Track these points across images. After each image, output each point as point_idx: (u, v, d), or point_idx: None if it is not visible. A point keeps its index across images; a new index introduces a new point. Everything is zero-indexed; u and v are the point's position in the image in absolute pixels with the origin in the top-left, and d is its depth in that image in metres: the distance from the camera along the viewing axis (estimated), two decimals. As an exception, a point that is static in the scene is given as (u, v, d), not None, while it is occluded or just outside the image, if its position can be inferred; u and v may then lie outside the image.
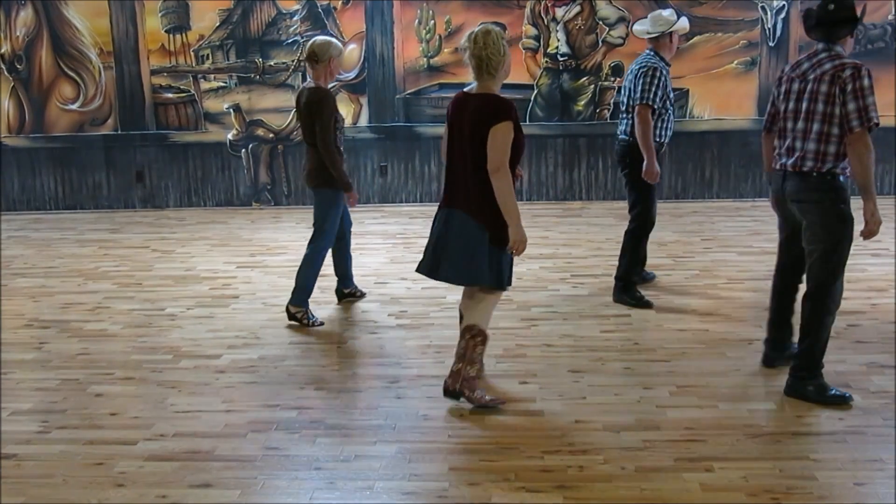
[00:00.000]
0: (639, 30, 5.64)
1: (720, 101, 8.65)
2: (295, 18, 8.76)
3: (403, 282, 6.27)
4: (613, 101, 8.66)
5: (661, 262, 6.51)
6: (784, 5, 8.42)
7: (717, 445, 3.70)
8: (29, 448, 3.84)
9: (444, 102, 4.38)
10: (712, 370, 4.53)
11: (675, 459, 3.59)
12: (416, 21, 8.68)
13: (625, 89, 5.63)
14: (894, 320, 5.19)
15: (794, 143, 4.09)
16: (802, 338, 4.15)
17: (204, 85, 8.95)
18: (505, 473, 3.51)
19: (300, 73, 8.82)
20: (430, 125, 8.65)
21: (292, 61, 8.82)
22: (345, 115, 6.83)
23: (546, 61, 8.71)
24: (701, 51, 8.57)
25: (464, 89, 4.18)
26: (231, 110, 8.96)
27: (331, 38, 5.45)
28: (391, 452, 3.71)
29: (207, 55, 8.88)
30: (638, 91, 5.39)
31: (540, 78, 8.74)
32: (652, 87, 5.36)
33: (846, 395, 4.11)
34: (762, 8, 8.48)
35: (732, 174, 8.77)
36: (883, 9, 8.43)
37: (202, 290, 6.24)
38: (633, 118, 5.47)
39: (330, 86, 5.45)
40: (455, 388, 4.11)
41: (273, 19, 8.78)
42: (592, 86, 8.72)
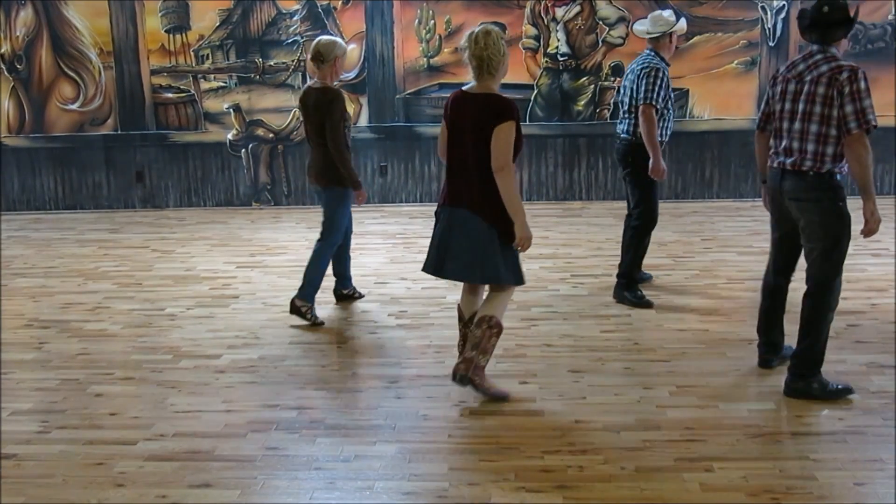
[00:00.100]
0: (639, 29, 5.68)
1: (720, 101, 8.64)
2: (295, 18, 8.76)
3: (403, 282, 6.27)
4: (613, 101, 8.66)
5: (661, 262, 6.51)
6: (784, 5, 8.42)
7: (717, 445, 3.71)
8: (29, 448, 3.84)
9: (443, 102, 4.37)
10: (712, 370, 4.54)
11: (675, 459, 3.59)
12: (416, 21, 8.68)
13: (625, 89, 5.64)
14: (894, 320, 5.20)
15: (791, 143, 4.10)
16: (804, 336, 4.16)
17: (204, 85, 8.95)
18: (505, 473, 3.51)
19: (300, 73, 8.82)
20: (430, 125, 8.65)
21: (292, 61, 8.82)
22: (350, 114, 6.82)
23: (546, 61, 8.71)
24: (701, 51, 8.57)
25: (462, 88, 4.20)
26: (231, 110, 8.96)
27: (335, 38, 5.46)
28: (391, 452, 3.71)
29: (207, 55, 8.88)
30: (642, 91, 5.43)
31: (540, 78, 8.74)
32: (655, 87, 5.40)
33: (848, 386, 4.17)
34: (762, 8, 8.48)
35: (732, 174, 8.77)
36: (883, 9, 8.43)
37: (202, 290, 6.24)
38: (635, 117, 5.51)
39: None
40: (466, 374, 4.14)
41: (273, 19, 8.78)
42: (592, 86, 8.72)
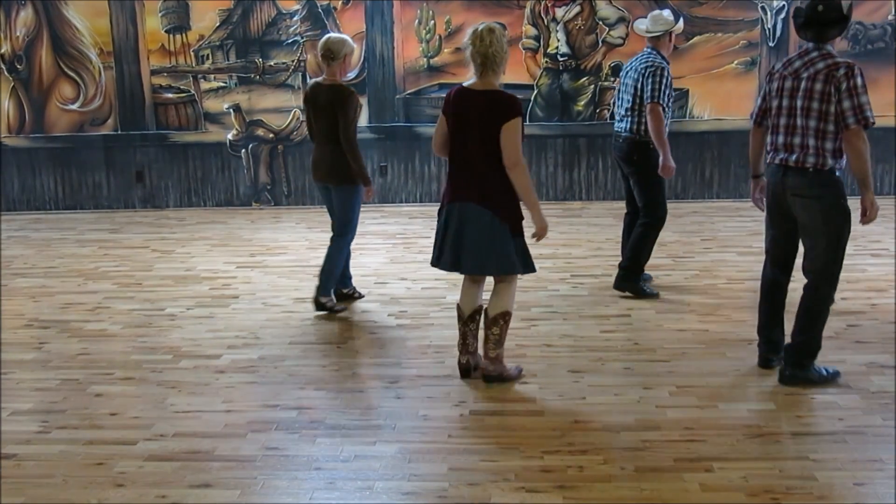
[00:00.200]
0: (640, 28, 5.72)
1: (720, 101, 8.64)
2: (295, 18, 8.76)
3: (403, 282, 6.27)
4: (613, 101, 8.65)
5: (661, 262, 6.51)
6: (784, 5, 8.42)
7: (716, 445, 3.71)
8: (29, 448, 3.84)
9: (443, 102, 4.39)
10: (712, 370, 4.54)
11: (675, 459, 3.59)
12: (416, 21, 8.68)
13: (626, 87, 5.67)
14: (894, 320, 5.20)
15: (791, 139, 4.17)
16: (803, 328, 4.26)
17: (204, 85, 8.95)
18: (505, 473, 3.51)
19: (300, 74, 8.82)
20: (430, 125, 8.64)
21: (292, 61, 8.82)
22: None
23: (546, 61, 8.71)
24: (701, 51, 8.57)
25: (462, 84, 4.23)
26: (231, 110, 8.96)
27: (344, 36, 5.47)
28: (391, 452, 3.71)
29: (207, 55, 8.88)
30: (648, 90, 5.49)
31: (540, 78, 8.74)
32: (661, 86, 5.48)
33: (837, 370, 4.37)
34: (762, 8, 8.48)
35: (732, 174, 8.77)
36: (883, 9, 8.43)
37: (202, 290, 6.24)
38: (638, 116, 5.57)
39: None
40: (494, 373, 4.37)
41: (273, 19, 8.78)
42: (592, 86, 8.72)
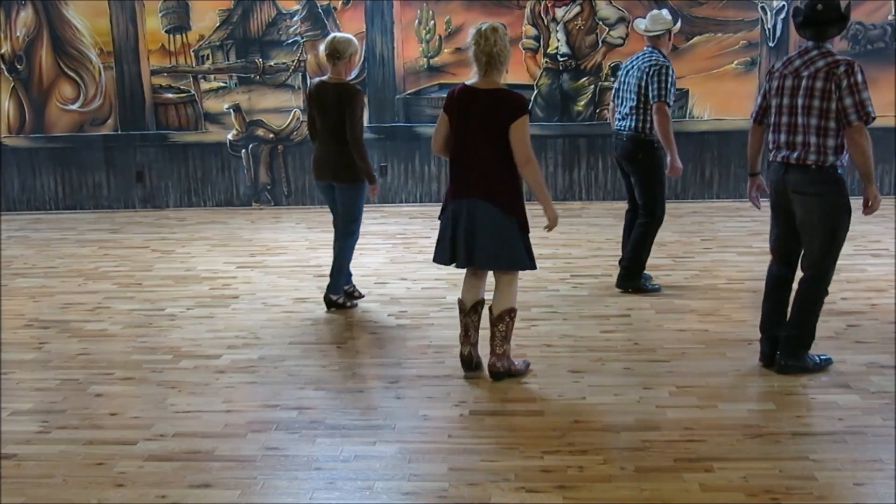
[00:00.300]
0: (640, 27, 5.77)
1: (720, 102, 8.64)
2: (295, 18, 8.75)
3: (403, 282, 6.27)
4: (613, 100, 8.64)
5: (661, 262, 6.51)
6: (784, 5, 8.42)
7: (716, 445, 3.71)
8: (29, 448, 3.84)
9: (443, 102, 4.41)
10: (712, 370, 4.54)
11: (675, 459, 3.59)
12: (416, 21, 8.68)
13: (629, 85, 5.69)
14: (894, 320, 5.20)
15: (793, 137, 4.23)
16: (801, 320, 4.35)
17: (204, 85, 8.94)
18: (505, 473, 3.51)
19: (300, 74, 8.82)
20: (430, 125, 8.63)
21: (292, 61, 8.82)
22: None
23: (546, 61, 8.70)
24: (701, 51, 8.57)
25: (465, 83, 4.25)
26: (231, 110, 8.95)
27: (349, 35, 5.48)
28: (391, 452, 3.71)
29: (207, 55, 8.88)
30: (654, 89, 5.53)
31: (540, 78, 8.73)
32: (667, 85, 5.54)
33: (829, 357, 4.52)
34: (762, 8, 8.48)
35: (732, 174, 8.77)
36: (883, 9, 8.43)
37: (202, 290, 6.24)
38: (643, 115, 5.61)
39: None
40: (501, 370, 4.40)
41: (273, 19, 8.78)
42: (592, 86, 8.72)
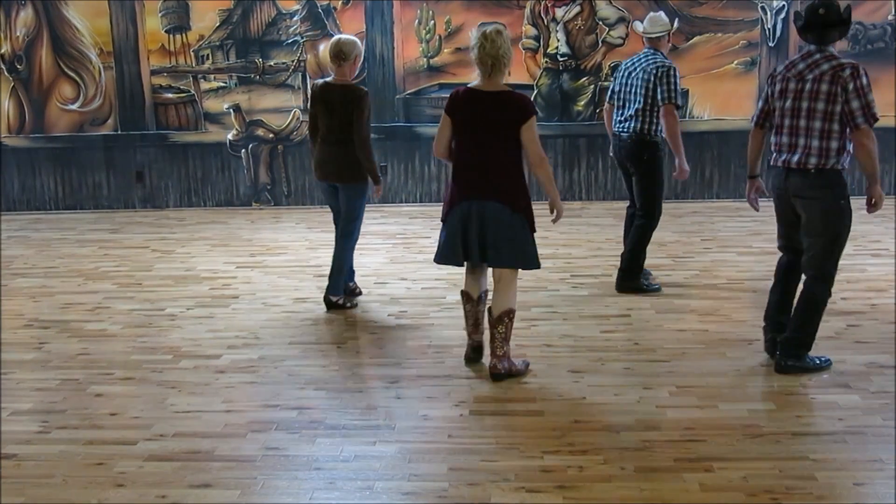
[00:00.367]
0: (639, 29, 5.79)
1: (720, 102, 8.64)
2: (295, 18, 8.75)
3: (403, 282, 6.27)
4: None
5: (661, 262, 6.51)
6: (784, 5, 8.42)
7: (717, 445, 3.71)
8: (29, 448, 3.84)
9: (443, 103, 4.43)
10: (712, 370, 4.54)
11: (675, 459, 3.59)
12: (416, 21, 8.68)
13: (632, 87, 5.71)
14: (894, 320, 5.20)
15: (795, 139, 4.25)
16: (803, 322, 4.37)
17: (204, 85, 8.94)
18: (505, 473, 3.51)
19: (300, 74, 8.82)
20: (430, 125, 8.63)
21: (292, 61, 8.82)
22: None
23: (546, 61, 8.70)
24: (701, 51, 8.57)
25: (467, 85, 4.29)
26: (231, 110, 8.95)
27: (354, 37, 5.54)
28: (391, 452, 3.71)
29: (207, 55, 8.88)
30: (663, 91, 5.57)
31: (540, 78, 8.73)
32: (675, 87, 5.59)
33: (828, 358, 4.53)
34: (762, 8, 8.48)
35: (732, 174, 8.76)
36: (883, 9, 8.43)
37: (202, 290, 6.24)
38: (650, 117, 5.64)
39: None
40: (502, 371, 4.41)
41: (273, 19, 8.77)
42: (592, 86, 8.71)
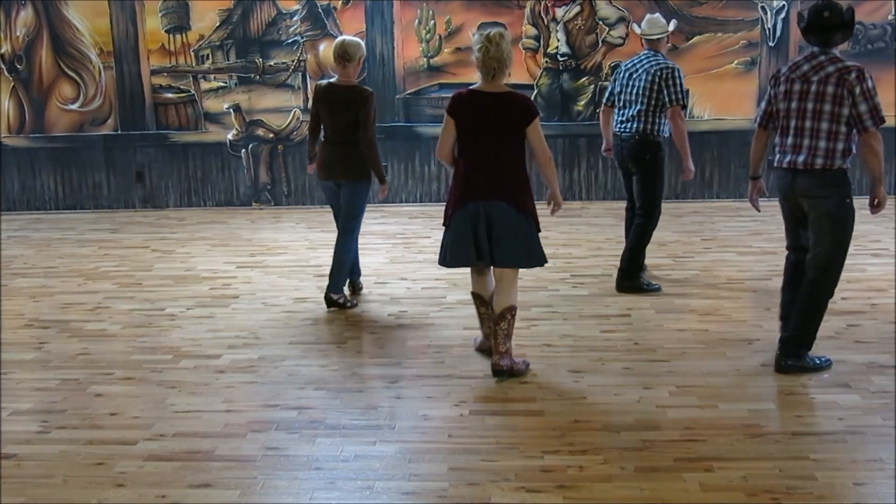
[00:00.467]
0: (637, 31, 5.82)
1: (720, 101, 8.65)
2: (295, 18, 8.76)
3: (403, 282, 6.27)
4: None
5: (661, 262, 6.51)
6: (784, 5, 8.42)
7: (717, 445, 3.71)
8: (29, 448, 3.84)
9: (443, 102, 4.46)
10: (712, 370, 4.54)
11: (675, 459, 3.59)
12: (416, 21, 8.68)
13: (635, 88, 5.71)
14: (894, 320, 5.20)
15: (800, 140, 4.29)
16: (804, 321, 4.39)
17: (204, 85, 8.95)
18: (505, 473, 3.51)
19: (300, 74, 8.82)
20: (430, 125, 8.64)
21: (292, 61, 8.82)
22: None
23: (546, 61, 8.70)
24: (701, 51, 8.57)
25: (469, 87, 4.34)
26: (231, 110, 8.96)
27: (357, 39, 5.62)
28: (391, 452, 3.71)
29: (207, 55, 8.88)
30: (670, 93, 5.61)
31: (540, 78, 8.74)
32: (681, 88, 5.64)
33: (829, 359, 4.53)
34: (762, 8, 8.48)
35: (732, 174, 8.77)
36: (883, 9, 8.43)
37: (202, 290, 6.24)
38: (654, 118, 5.67)
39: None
40: (505, 366, 4.43)
41: (273, 19, 8.78)
42: (592, 86, 8.72)
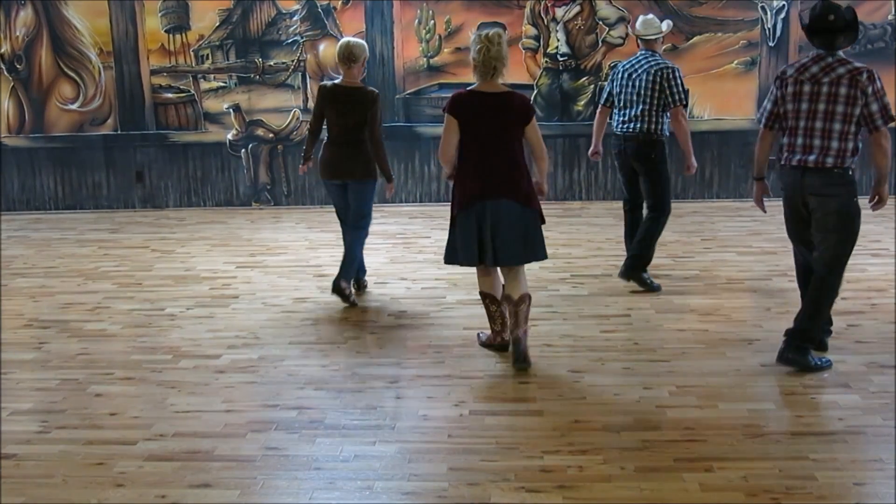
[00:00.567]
0: (633, 32, 5.88)
1: (720, 101, 8.64)
2: (295, 18, 8.76)
3: (403, 282, 6.27)
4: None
5: (661, 262, 6.51)
6: (784, 5, 8.42)
7: (716, 445, 3.71)
8: (29, 448, 3.84)
9: (443, 102, 4.47)
10: (712, 370, 4.54)
11: (675, 459, 3.59)
12: (416, 21, 8.68)
13: (636, 89, 5.74)
14: (894, 320, 5.20)
15: (810, 141, 4.34)
16: (810, 315, 4.44)
17: (204, 85, 8.95)
18: (505, 473, 3.51)
19: (300, 73, 8.82)
20: (430, 125, 8.64)
21: (292, 61, 8.82)
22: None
23: (546, 61, 8.70)
24: (701, 51, 8.57)
25: (467, 88, 4.37)
26: (231, 110, 8.96)
27: (362, 41, 5.72)
28: (391, 452, 3.71)
29: (207, 55, 8.88)
30: (674, 93, 5.67)
31: (540, 78, 8.73)
32: (683, 87, 5.70)
33: (829, 360, 4.55)
34: (762, 8, 8.48)
35: (732, 174, 8.77)
36: (883, 9, 8.43)
37: (202, 290, 6.24)
38: (656, 117, 5.72)
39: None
40: (523, 336, 4.55)
41: (273, 19, 8.78)
42: (592, 86, 8.71)
